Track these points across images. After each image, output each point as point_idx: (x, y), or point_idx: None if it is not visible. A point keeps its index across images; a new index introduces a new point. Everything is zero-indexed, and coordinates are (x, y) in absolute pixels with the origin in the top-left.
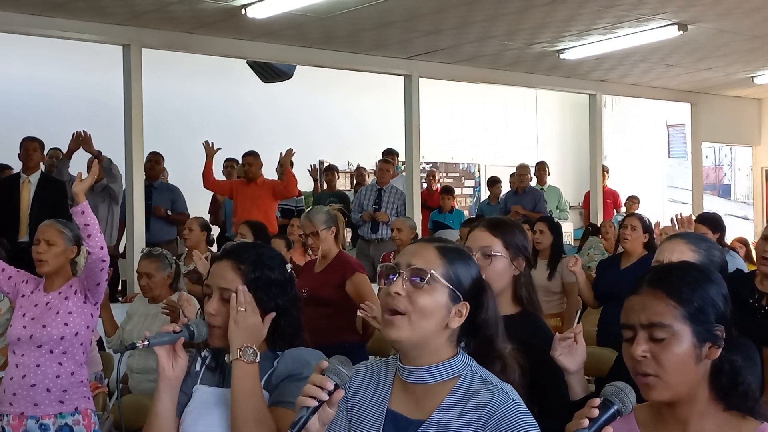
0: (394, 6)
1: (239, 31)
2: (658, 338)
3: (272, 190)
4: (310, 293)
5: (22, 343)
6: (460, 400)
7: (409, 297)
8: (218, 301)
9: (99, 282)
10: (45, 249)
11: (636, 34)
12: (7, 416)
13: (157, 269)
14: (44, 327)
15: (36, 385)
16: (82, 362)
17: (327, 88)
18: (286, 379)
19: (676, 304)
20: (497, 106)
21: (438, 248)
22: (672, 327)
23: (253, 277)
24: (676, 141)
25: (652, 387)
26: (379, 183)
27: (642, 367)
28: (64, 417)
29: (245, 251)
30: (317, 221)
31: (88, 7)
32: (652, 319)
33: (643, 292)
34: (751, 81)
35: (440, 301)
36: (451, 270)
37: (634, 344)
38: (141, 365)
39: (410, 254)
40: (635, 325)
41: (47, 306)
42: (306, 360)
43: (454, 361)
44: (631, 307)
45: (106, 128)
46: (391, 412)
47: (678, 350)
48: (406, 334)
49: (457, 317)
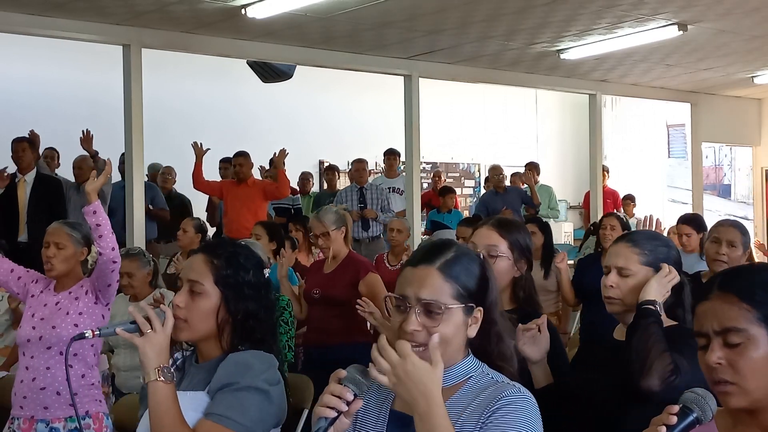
0: (394, 6)
1: (239, 31)
2: (733, 344)
3: (263, 191)
4: (322, 294)
5: (31, 344)
6: (466, 400)
7: (427, 329)
8: (187, 293)
9: (110, 283)
10: (54, 252)
11: (636, 34)
12: (18, 419)
13: (137, 268)
14: (54, 328)
15: (46, 388)
16: (93, 364)
17: (327, 88)
18: (222, 389)
19: (749, 306)
20: (497, 106)
21: (441, 270)
22: (747, 331)
23: (224, 274)
24: (676, 141)
25: (730, 395)
26: (359, 182)
27: (718, 374)
28: (74, 420)
29: (221, 248)
30: (328, 221)
31: (88, 7)
32: (726, 324)
33: (713, 297)
34: (751, 81)
35: (458, 323)
36: (459, 286)
37: (708, 352)
38: (128, 363)
39: (417, 285)
40: (708, 332)
41: (57, 306)
42: (248, 364)
43: (464, 363)
44: (703, 313)
45: (106, 128)
46: (394, 412)
47: (755, 355)
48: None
49: (474, 325)
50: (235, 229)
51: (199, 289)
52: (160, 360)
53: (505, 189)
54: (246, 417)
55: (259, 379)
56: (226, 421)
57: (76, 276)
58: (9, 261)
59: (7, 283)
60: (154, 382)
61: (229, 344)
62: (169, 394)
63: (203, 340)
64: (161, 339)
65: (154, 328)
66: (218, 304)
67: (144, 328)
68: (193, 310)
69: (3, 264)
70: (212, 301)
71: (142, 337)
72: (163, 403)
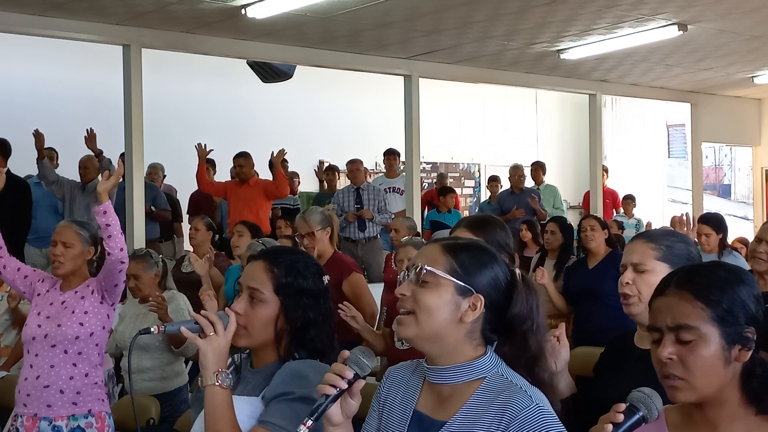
0: (394, 6)
1: (239, 31)
2: (684, 340)
3: (264, 191)
4: None
5: (36, 342)
6: (482, 402)
7: (414, 296)
8: (246, 300)
9: (117, 283)
10: (62, 251)
11: (636, 34)
12: (21, 417)
13: (144, 269)
14: (59, 326)
15: (49, 386)
16: (97, 363)
17: (327, 88)
18: (276, 398)
19: (703, 305)
20: (497, 106)
21: (444, 245)
22: (699, 329)
23: (284, 282)
24: (676, 141)
25: (678, 390)
26: (355, 183)
27: (668, 369)
28: (77, 419)
29: (282, 255)
30: (313, 222)
31: (88, 7)
32: (679, 321)
33: (670, 293)
34: (751, 81)
35: (445, 297)
36: (456, 264)
37: (660, 346)
38: (135, 365)
39: (418, 255)
40: (662, 327)
41: (63, 305)
42: (303, 375)
43: (480, 361)
44: (658, 309)
45: (106, 128)
46: (416, 412)
47: (705, 353)
48: (413, 332)
49: (470, 311)
50: None
51: (258, 297)
52: (219, 364)
53: (521, 190)
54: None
55: (313, 390)
56: (280, 430)
57: (83, 275)
58: (16, 260)
59: (14, 281)
60: (211, 387)
61: (286, 352)
62: (225, 399)
63: (261, 347)
64: (222, 343)
65: (217, 332)
66: (277, 313)
67: (207, 330)
68: (252, 318)
69: (10, 263)
70: (271, 309)
71: (205, 339)
72: (219, 407)
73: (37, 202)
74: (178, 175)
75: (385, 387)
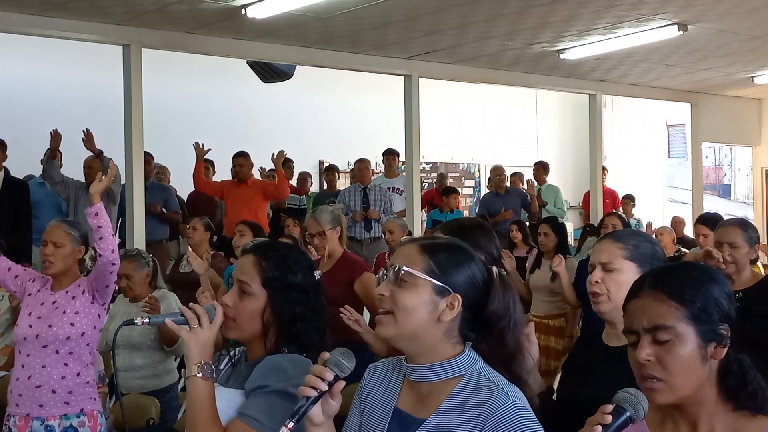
0: (394, 6)
1: (239, 31)
2: (661, 341)
3: (263, 191)
4: None
5: (27, 342)
6: (461, 400)
7: (392, 296)
8: (236, 293)
9: (108, 284)
10: (52, 251)
11: (636, 34)
12: (13, 417)
13: (135, 269)
14: (50, 326)
15: (41, 386)
16: (89, 363)
17: (327, 88)
18: (254, 391)
19: (678, 305)
20: (497, 106)
21: (421, 245)
22: (675, 328)
23: (271, 276)
24: (676, 141)
25: (657, 391)
26: (362, 183)
27: (647, 370)
28: (69, 418)
29: (272, 249)
30: (323, 221)
31: (88, 7)
32: (655, 321)
33: (644, 295)
34: (751, 81)
35: (423, 297)
36: (433, 263)
37: (638, 348)
38: (126, 364)
39: (396, 255)
40: (638, 329)
41: (54, 305)
42: (281, 368)
43: (458, 359)
44: (633, 311)
45: (106, 128)
46: (397, 410)
47: (683, 352)
48: (391, 332)
49: (448, 310)
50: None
51: (247, 290)
52: (202, 356)
53: (506, 190)
54: (274, 421)
55: (290, 383)
56: (255, 423)
57: (74, 275)
58: (6, 259)
59: (5, 281)
60: (192, 377)
61: (273, 346)
62: (205, 391)
63: (251, 341)
64: (207, 336)
65: (202, 325)
66: (264, 306)
67: (192, 323)
68: (240, 310)
69: (1, 263)
70: (259, 303)
71: (189, 331)
72: (199, 398)
73: (41, 202)
74: (178, 176)
75: (366, 384)
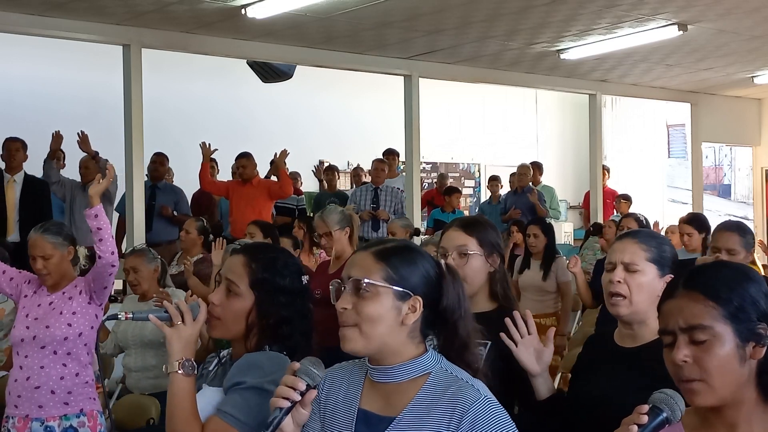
0: (394, 6)
1: (239, 31)
2: (698, 341)
3: (267, 191)
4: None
5: (25, 344)
6: (430, 397)
7: (355, 308)
8: (223, 291)
9: (106, 285)
10: (43, 264)
11: (636, 34)
12: (12, 418)
13: (142, 263)
14: (47, 327)
15: (40, 387)
16: (87, 363)
17: (327, 88)
18: (231, 387)
19: (714, 304)
20: (497, 106)
21: (375, 252)
22: (712, 328)
23: (260, 278)
24: (676, 141)
25: (696, 392)
26: (375, 183)
27: (684, 372)
28: (69, 419)
29: (262, 251)
30: (331, 222)
31: (88, 7)
32: (691, 321)
33: (679, 295)
34: (751, 81)
35: (386, 305)
36: (391, 270)
37: (674, 349)
38: (139, 364)
39: (350, 265)
40: (674, 329)
41: (51, 306)
42: (257, 365)
43: (422, 358)
44: (668, 311)
45: (106, 128)
46: (362, 411)
47: (721, 352)
48: (360, 345)
49: (411, 313)
50: (239, 229)
51: (234, 290)
52: (184, 353)
53: (523, 190)
54: (249, 416)
55: (265, 379)
56: (231, 419)
57: (69, 276)
58: (1, 263)
59: None
60: (173, 374)
61: (254, 347)
62: (185, 387)
63: (236, 340)
64: (189, 332)
65: (185, 321)
66: (251, 307)
67: (175, 320)
68: (226, 309)
69: None
70: (245, 303)
71: (172, 328)
72: (178, 395)
73: None
74: (178, 176)
75: (324, 389)
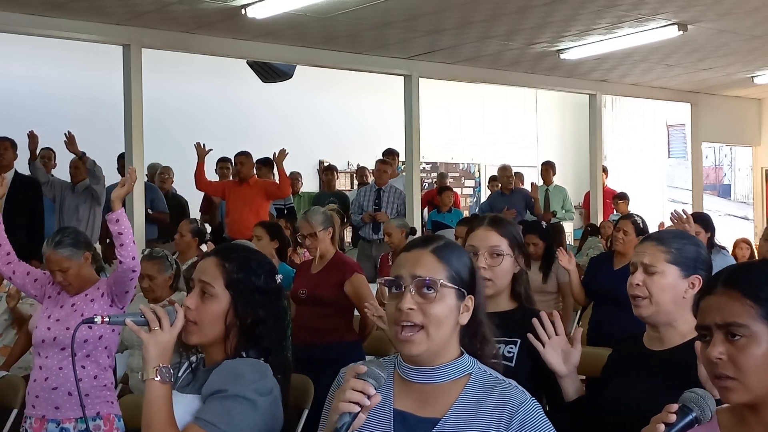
0: (394, 6)
1: (239, 31)
2: (734, 339)
3: (265, 191)
4: (309, 294)
5: (46, 345)
6: (475, 397)
7: (422, 309)
8: (198, 295)
9: (128, 290)
10: (62, 276)
11: (636, 34)
12: (30, 419)
13: (158, 271)
14: (68, 329)
15: (58, 388)
16: (106, 366)
17: (327, 88)
18: (212, 395)
19: (752, 303)
20: (497, 106)
21: (435, 251)
22: (749, 327)
23: (234, 278)
24: (676, 141)
25: (730, 390)
26: (378, 183)
27: (719, 369)
28: (84, 422)
29: (234, 251)
30: (315, 222)
31: (88, 7)
32: (728, 319)
33: (718, 292)
34: (751, 81)
35: (451, 305)
36: (452, 270)
37: (710, 346)
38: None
39: (411, 264)
40: (711, 326)
41: (72, 308)
42: (239, 373)
43: (462, 359)
44: (707, 307)
45: (106, 128)
46: (397, 411)
47: (757, 351)
48: (424, 347)
49: (465, 312)
50: (237, 230)
51: (209, 291)
52: (160, 359)
53: (511, 191)
54: (231, 425)
55: (248, 388)
56: (211, 427)
57: (91, 279)
58: (25, 264)
59: (24, 286)
60: (150, 381)
61: (233, 350)
62: (162, 394)
63: (211, 345)
64: (166, 338)
65: (162, 327)
66: (227, 308)
67: (152, 325)
68: (202, 313)
69: (19, 268)
70: (222, 305)
71: (149, 333)
72: (155, 402)
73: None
74: (178, 176)
75: None
